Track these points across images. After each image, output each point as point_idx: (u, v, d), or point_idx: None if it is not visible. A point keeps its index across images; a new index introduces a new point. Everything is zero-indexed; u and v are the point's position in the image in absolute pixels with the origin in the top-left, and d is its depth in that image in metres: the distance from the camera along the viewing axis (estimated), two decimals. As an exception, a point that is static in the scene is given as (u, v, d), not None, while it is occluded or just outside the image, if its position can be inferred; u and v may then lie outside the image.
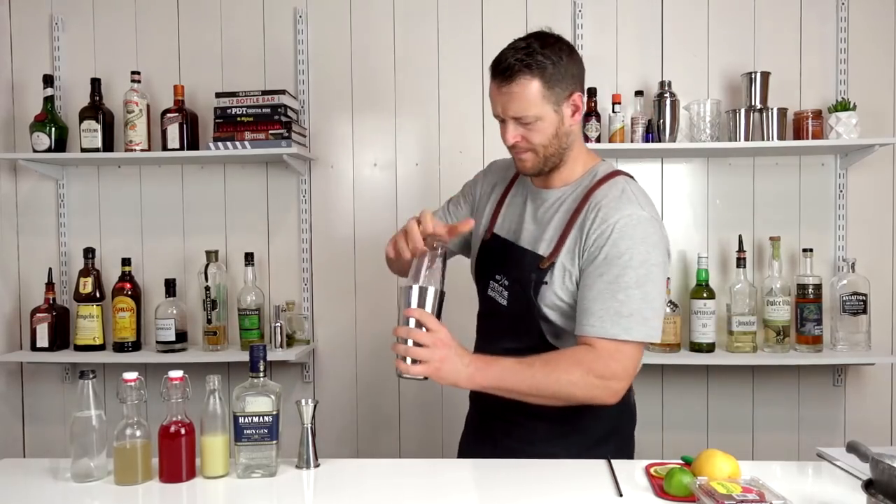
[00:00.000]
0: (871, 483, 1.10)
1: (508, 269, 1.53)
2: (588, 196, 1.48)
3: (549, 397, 1.41)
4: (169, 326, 2.48)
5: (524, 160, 1.50)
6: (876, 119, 2.51)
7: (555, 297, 1.47)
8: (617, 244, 1.41)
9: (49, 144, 2.52)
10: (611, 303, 1.40)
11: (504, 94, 1.45)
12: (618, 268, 1.40)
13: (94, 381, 1.38)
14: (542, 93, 1.44)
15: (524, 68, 1.42)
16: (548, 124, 1.46)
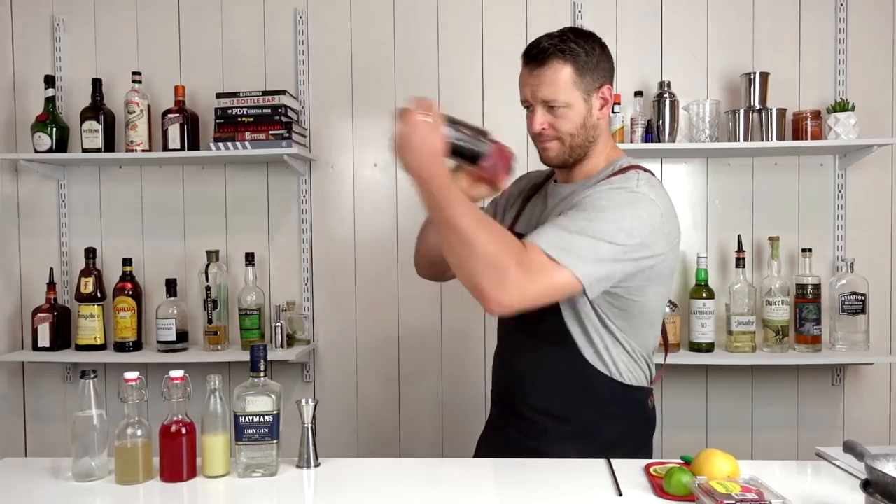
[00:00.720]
0: (870, 483, 1.11)
1: None
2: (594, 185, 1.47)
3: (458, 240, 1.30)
4: (170, 326, 2.49)
5: (549, 149, 1.50)
6: (875, 119, 2.52)
7: None
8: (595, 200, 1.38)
9: (50, 145, 2.52)
10: (556, 230, 1.34)
11: (535, 78, 1.45)
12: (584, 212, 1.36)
13: (96, 381, 1.39)
14: (574, 79, 1.45)
15: (558, 52, 1.43)
16: (576, 113, 1.46)
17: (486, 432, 1.71)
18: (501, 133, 2.68)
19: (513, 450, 1.52)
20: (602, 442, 1.49)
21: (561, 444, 1.50)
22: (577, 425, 1.51)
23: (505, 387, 1.62)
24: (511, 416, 1.59)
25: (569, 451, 1.49)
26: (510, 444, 1.55)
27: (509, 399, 1.58)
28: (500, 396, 1.65)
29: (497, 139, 1.50)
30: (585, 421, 1.50)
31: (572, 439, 1.50)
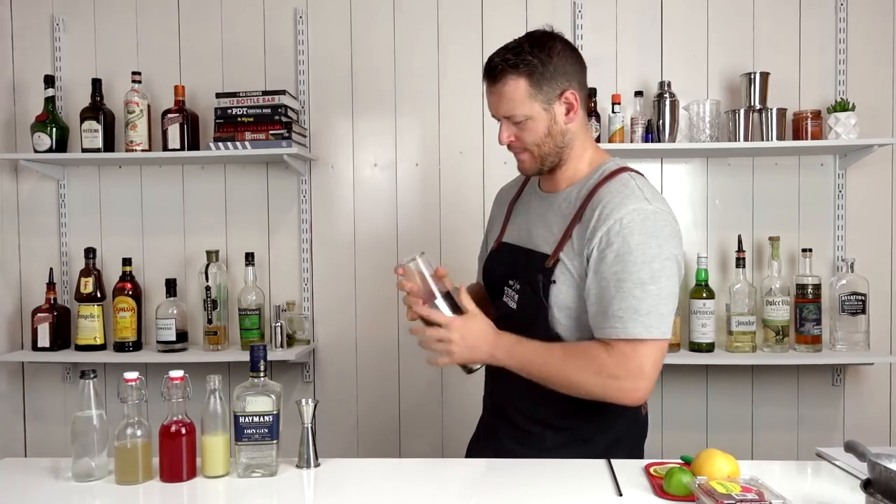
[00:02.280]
0: (870, 483, 1.11)
1: (518, 272, 1.54)
2: (593, 193, 1.45)
3: (561, 385, 1.42)
4: (169, 326, 2.49)
5: (522, 160, 1.53)
6: (875, 119, 2.52)
7: (563, 296, 1.45)
8: (627, 240, 1.37)
9: (50, 145, 2.52)
10: (630, 300, 1.36)
11: (494, 95, 1.48)
12: (630, 264, 1.37)
13: (95, 381, 1.39)
14: (529, 92, 1.44)
15: (509, 68, 1.44)
16: (538, 123, 1.46)
17: (478, 437, 1.71)
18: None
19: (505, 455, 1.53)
20: (596, 451, 1.50)
21: (556, 453, 1.49)
22: (572, 434, 1.51)
23: (497, 393, 1.62)
24: (504, 424, 1.58)
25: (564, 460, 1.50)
26: (504, 452, 1.54)
27: (502, 406, 1.59)
28: (493, 402, 1.64)
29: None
30: (580, 430, 1.51)
31: (567, 448, 1.50)
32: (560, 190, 1.54)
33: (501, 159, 2.60)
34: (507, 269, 1.58)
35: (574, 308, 1.45)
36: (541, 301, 1.46)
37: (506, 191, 1.76)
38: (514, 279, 1.55)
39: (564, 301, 1.45)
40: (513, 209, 1.67)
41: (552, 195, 1.55)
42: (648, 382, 1.39)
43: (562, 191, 1.53)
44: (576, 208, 1.47)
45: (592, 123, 2.45)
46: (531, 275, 1.48)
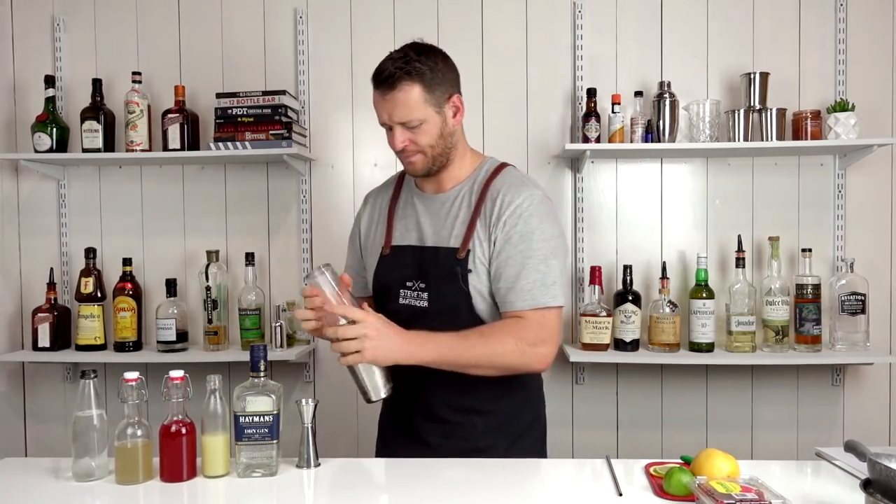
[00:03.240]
0: (870, 482, 1.11)
1: (423, 271, 1.58)
2: (487, 186, 1.59)
3: (486, 367, 1.50)
4: (170, 326, 2.49)
5: (414, 162, 1.57)
6: (874, 119, 2.52)
7: (479, 284, 1.55)
8: (528, 221, 1.53)
9: (50, 145, 2.53)
10: (535, 275, 1.52)
11: (389, 101, 1.52)
12: (535, 242, 1.53)
13: (96, 381, 1.39)
14: (424, 97, 1.52)
15: (405, 75, 1.50)
16: (432, 126, 1.54)
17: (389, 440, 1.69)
18: (502, 132, 2.70)
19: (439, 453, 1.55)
20: (520, 428, 1.63)
21: (489, 436, 1.58)
22: (499, 416, 1.60)
23: (416, 394, 1.60)
24: (426, 423, 1.60)
25: (497, 440, 1.58)
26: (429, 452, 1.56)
27: (424, 405, 1.59)
28: (408, 405, 1.62)
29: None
30: (505, 411, 1.61)
31: (498, 429, 1.60)
32: (447, 189, 1.63)
33: (501, 159, 2.59)
34: (404, 272, 1.61)
35: (488, 293, 1.56)
36: (462, 290, 1.54)
37: (376, 199, 1.77)
38: (415, 280, 1.59)
39: (480, 288, 1.55)
40: (393, 214, 1.69)
41: (440, 195, 1.64)
42: (556, 345, 1.55)
43: (450, 190, 1.63)
44: (474, 202, 1.58)
45: (592, 123, 2.45)
46: (444, 269, 1.55)
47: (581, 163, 2.55)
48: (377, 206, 1.75)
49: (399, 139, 1.54)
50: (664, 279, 2.46)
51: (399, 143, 1.54)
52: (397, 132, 1.54)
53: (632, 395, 2.61)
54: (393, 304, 1.61)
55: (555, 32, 2.60)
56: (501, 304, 1.55)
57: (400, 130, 1.54)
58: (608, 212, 2.60)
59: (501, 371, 1.53)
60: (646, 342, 2.48)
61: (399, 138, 1.54)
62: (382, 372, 1.47)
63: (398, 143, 1.54)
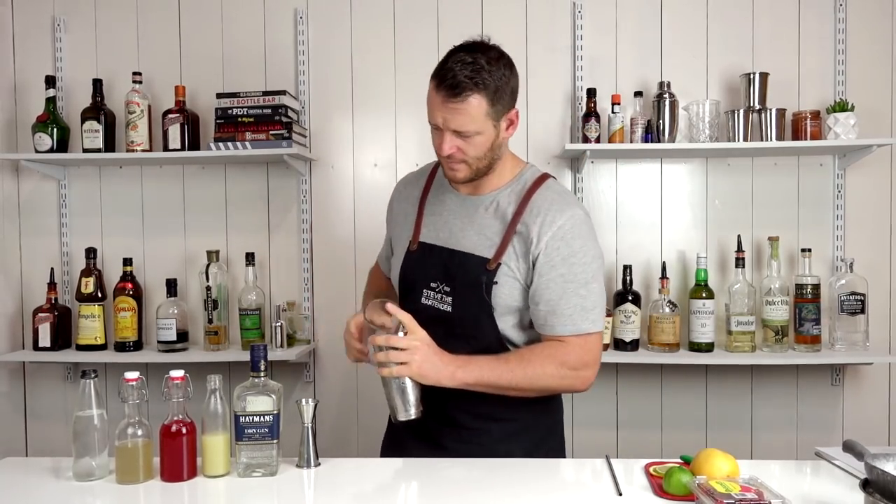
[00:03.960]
0: (869, 482, 1.11)
1: (450, 274, 1.55)
2: (527, 200, 1.53)
3: (525, 390, 1.50)
4: (170, 326, 2.49)
5: (457, 170, 1.52)
6: (874, 119, 2.52)
7: (505, 297, 1.51)
8: (570, 244, 1.50)
9: (51, 145, 2.53)
10: (576, 300, 1.49)
11: (450, 108, 1.44)
12: (576, 266, 1.50)
13: (96, 381, 1.39)
14: (487, 110, 1.45)
15: (473, 87, 1.43)
16: (486, 139, 1.48)
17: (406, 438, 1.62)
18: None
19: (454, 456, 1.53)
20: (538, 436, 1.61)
21: (506, 442, 1.56)
22: (517, 423, 1.58)
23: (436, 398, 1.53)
24: (443, 427, 1.57)
25: (513, 448, 1.56)
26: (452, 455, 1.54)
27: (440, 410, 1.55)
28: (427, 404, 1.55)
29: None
30: (524, 419, 1.58)
31: (516, 436, 1.57)
32: (484, 193, 1.58)
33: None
34: (429, 271, 1.57)
35: (518, 309, 1.53)
36: (484, 301, 1.51)
37: (409, 186, 1.72)
38: (439, 281, 1.56)
39: (507, 302, 1.51)
40: (424, 208, 1.64)
41: (475, 198, 1.59)
42: (597, 367, 1.55)
43: (486, 194, 1.58)
44: (511, 214, 1.53)
45: (592, 124, 2.45)
46: (470, 276, 1.52)
47: (581, 163, 2.55)
48: (408, 197, 1.70)
49: (448, 145, 1.47)
50: (664, 279, 2.46)
51: (447, 150, 1.47)
52: (447, 138, 1.47)
53: (632, 395, 2.61)
54: (415, 303, 1.58)
55: (555, 33, 2.60)
56: (541, 327, 1.52)
57: (450, 137, 1.47)
58: (608, 212, 2.60)
59: (542, 393, 1.53)
60: (646, 342, 2.48)
61: (448, 144, 1.47)
62: (418, 391, 1.45)
63: (446, 149, 1.47)
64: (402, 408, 1.44)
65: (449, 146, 1.47)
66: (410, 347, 1.41)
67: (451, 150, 1.48)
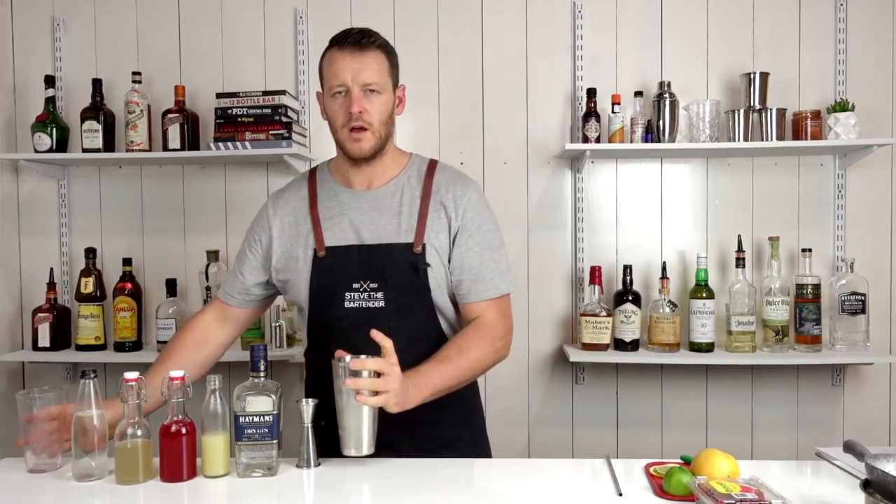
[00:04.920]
0: (870, 483, 1.11)
1: (373, 270, 1.53)
2: (430, 179, 1.61)
3: (471, 378, 1.54)
4: (170, 326, 2.49)
5: (361, 139, 1.54)
6: (874, 119, 2.52)
7: (438, 277, 1.55)
8: (481, 213, 1.60)
9: (50, 145, 2.53)
10: (492, 264, 1.58)
11: (357, 61, 1.51)
12: (489, 233, 1.60)
13: (96, 381, 1.40)
14: (388, 69, 1.56)
15: (374, 42, 1.54)
16: (386, 102, 1.55)
17: None
18: (502, 132, 2.69)
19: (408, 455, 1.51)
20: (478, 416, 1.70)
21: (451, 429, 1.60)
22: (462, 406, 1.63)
23: None
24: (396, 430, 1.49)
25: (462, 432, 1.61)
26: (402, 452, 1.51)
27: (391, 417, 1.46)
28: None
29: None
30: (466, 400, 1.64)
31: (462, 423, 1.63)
32: (379, 186, 1.62)
33: (501, 159, 2.60)
34: (348, 273, 1.54)
35: (446, 284, 1.57)
36: (423, 285, 1.53)
37: (285, 200, 1.68)
38: (362, 280, 1.54)
39: (439, 281, 1.56)
40: (317, 213, 1.61)
41: (375, 191, 1.61)
42: (513, 330, 1.63)
43: (383, 186, 1.62)
44: (419, 196, 1.59)
45: (592, 123, 2.45)
46: (402, 266, 1.53)
47: (581, 163, 2.55)
48: (291, 208, 1.65)
49: (359, 101, 1.51)
50: (664, 279, 2.46)
51: (357, 106, 1.50)
52: (355, 96, 1.51)
53: (632, 395, 2.61)
54: (337, 310, 1.55)
55: (555, 32, 2.60)
56: (464, 296, 1.57)
57: (360, 94, 1.51)
58: (608, 212, 2.60)
59: (480, 374, 1.57)
60: (646, 342, 2.48)
61: (359, 101, 1.51)
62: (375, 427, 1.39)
63: (356, 106, 1.50)
64: (356, 442, 1.37)
65: (359, 104, 1.51)
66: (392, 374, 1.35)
67: (361, 108, 1.51)
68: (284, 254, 1.63)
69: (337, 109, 1.54)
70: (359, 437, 1.37)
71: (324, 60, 1.58)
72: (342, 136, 1.56)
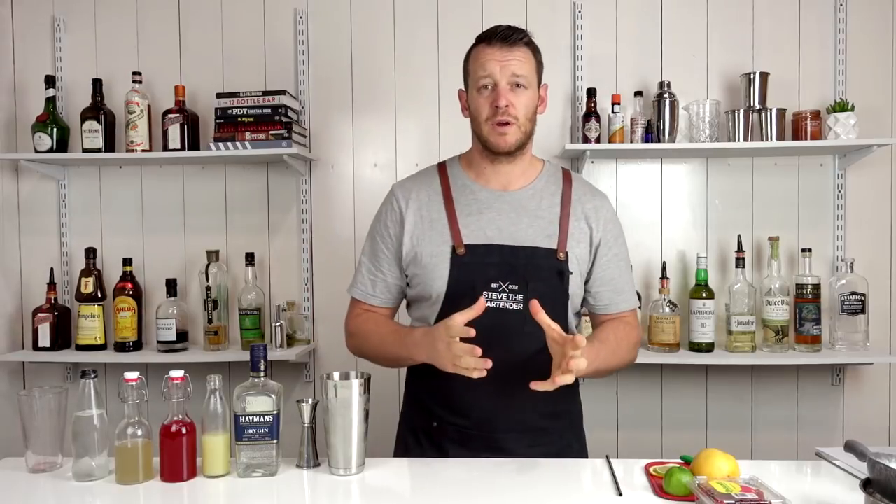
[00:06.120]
0: (870, 482, 1.11)
1: (515, 272, 1.51)
2: (569, 188, 1.61)
3: (611, 371, 1.58)
4: (170, 326, 2.49)
5: (507, 133, 1.52)
6: (874, 119, 2.52)
7: (575, 286, 1.56)
8: (617, 225, 1.64)
9: (51, 145, 2.53)
10: (627, 276, 1.65)
11: (507, 55, 1.51)
12: (623, 246, 1.64)
13: (96, 381, 1.39)
14: (535, 66, 1.55)
15: (522, 39, 1.53)
16: (531, 98, 1.54)
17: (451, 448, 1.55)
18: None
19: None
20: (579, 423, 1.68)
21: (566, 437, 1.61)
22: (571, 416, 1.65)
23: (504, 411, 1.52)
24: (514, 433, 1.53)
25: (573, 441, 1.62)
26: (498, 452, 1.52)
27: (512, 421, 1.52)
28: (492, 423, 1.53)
29: None
30: (574, 407, 1.67)
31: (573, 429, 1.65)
32: (519, 188, 1.60)
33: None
34: (488, 272, 1.51)
35: (578, 294, 1.59)
36: (564, 293, 1.54)
37: (416, 192, 1.62)
38: (501, 281, 1.50)
39: (575, 289, 1.56)
40: (454, 209, 1.57)
41: (516, 192, 1.59)
42: None
43: (524, 188, 1.60)
44: (559, 204, 1.58)
45: (592, 123, 2.45)
46: (545, 271, 1.52)
47: (581, 163, 2.55)
48: (423, 202, 1.60)
49: (506, 95, 1.50)
50: (664, 279, 2.46)
51: (504, 99, 1.49)
52: (504, 89, 1.50)
53: (632, 395, 2.61)
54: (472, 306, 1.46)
55: (555, 33, 2.60)
56: (604, 307, 1.62)
57: (507, 88, 1.50)
58: (608, 212, 2.60)
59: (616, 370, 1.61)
60: (645, 342, 2.48)
61: (506, 94, 1.50)
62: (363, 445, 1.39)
63: (503, 99, 1.49)
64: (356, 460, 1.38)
65: (506, 97, 1.50)
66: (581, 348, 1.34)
67: (507, 102, 1.50)
68: (416, 246, 1.57)
69: (483, 102, 1.53)
70: (347, 455, 1.38)
71: (470, 56, 1.57)
72: (486, 130, 1.54)
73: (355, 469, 1.39)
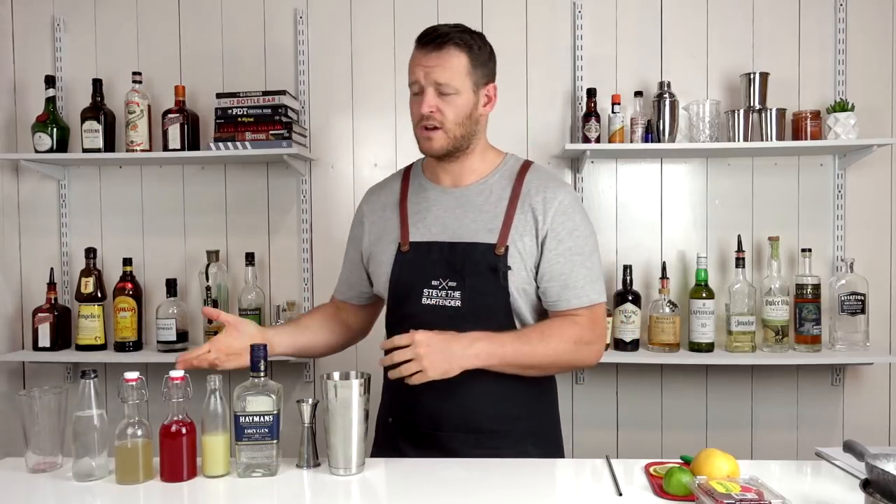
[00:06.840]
0: (869, 482, 1.11)
1: (454, 268, 1.51)
2: (521, 181, 1.55)
3: (546, 367, 1.52)
4: (170, 326, 2.49)
5: (432, 138, 1.51)
6: (874, 119, 2.52)
7: (517, 280, 1.50)
8: (573, 217, 1.53)
9: (51, 145, 2.53)
10: (584, 271, 1.52)
11: (431, 59, 1.49)
12: (580, 239, 1.53)
13: (96, 381, 1.39)
14: (468, 69, 1.50)
15: (452, 40, 1.49)
16: (464, 102, 1.50)
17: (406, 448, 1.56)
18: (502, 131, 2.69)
19: None
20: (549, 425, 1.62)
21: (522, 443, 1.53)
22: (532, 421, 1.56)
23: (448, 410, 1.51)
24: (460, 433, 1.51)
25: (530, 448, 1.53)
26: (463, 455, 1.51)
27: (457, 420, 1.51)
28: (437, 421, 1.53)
29: None
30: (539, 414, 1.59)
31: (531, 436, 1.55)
32: (469, 183, 1.58)
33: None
34: (429, 270, 1.52)
35: (528, 290, 1.53)
36: (501, 288, 1.49)
37: (379, 195, 1.69)
38: (441, 278, 1.51)
39: (520, 285, 1.51)
40: (406, 208, 1.60)
41: (463, 188, 1.58)
42: (605, 340, 1.61)
43: (474, 184, 1.58)
44: (507, 197, 1.54)
45: (592, 123, 2.45)
46: (480, 266, 1.49)
47: (581, 163, 2.55)
48: (382, 202, 1.66)
49: (427, 104, 1.48)
50: (664, 279, 2.46)
51: (427, 107, 1.48)
52: (427, 95, 1.48)
53: (632, 395, 2.61)
54: (414, 306, 1.52)
55: (555, 33, 2.60)
56: (554, 304, 1.53)
57: (431, 94, 1.48)
58: (608, 212, 2.60)
59: (557, 371, 1.56)
60: (646, 342, 2.48)
61: (429, 101, 1.48)
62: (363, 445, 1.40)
63: (426, 107, 1.48)
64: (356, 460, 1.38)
65: (428, 105, 1.49)
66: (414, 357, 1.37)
67: (431, 109, 1.49)
68: (371, 245, 1.64)
69: (413, 106, 1.54)
70: (347, 456, 1.38)
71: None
72: (416, 134, 1.55)
73: (355, 469, 1.39)
